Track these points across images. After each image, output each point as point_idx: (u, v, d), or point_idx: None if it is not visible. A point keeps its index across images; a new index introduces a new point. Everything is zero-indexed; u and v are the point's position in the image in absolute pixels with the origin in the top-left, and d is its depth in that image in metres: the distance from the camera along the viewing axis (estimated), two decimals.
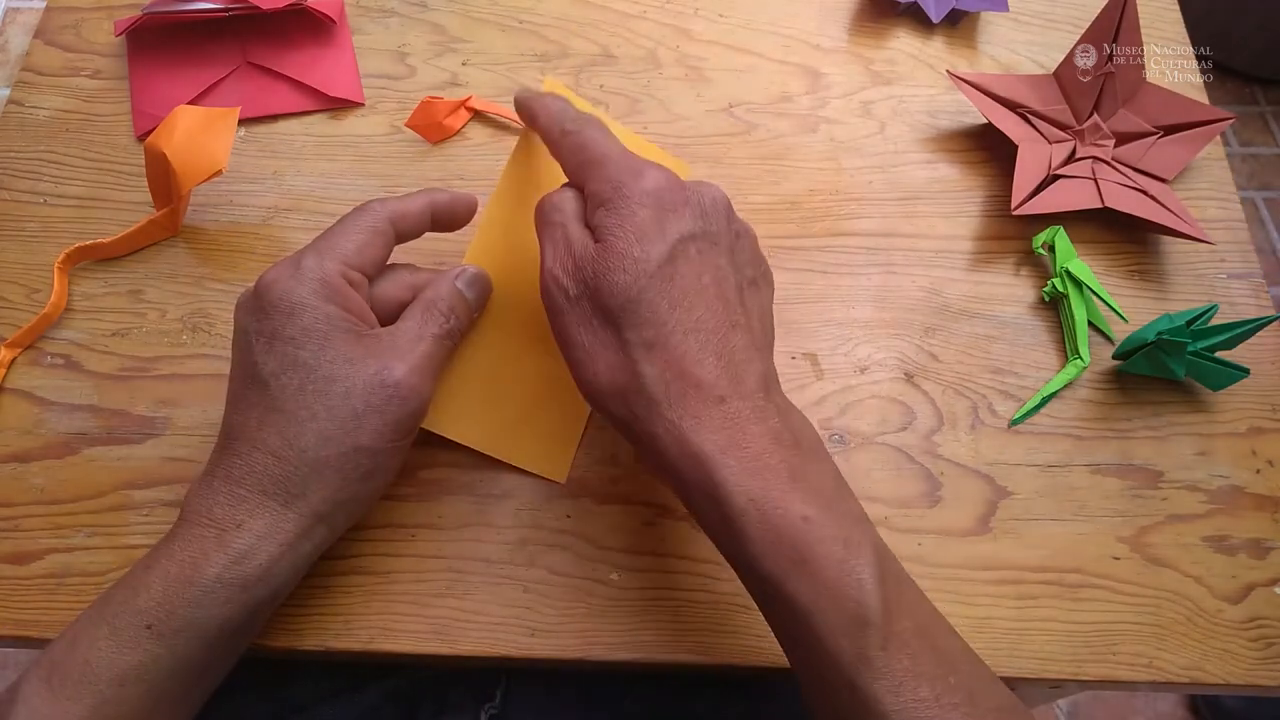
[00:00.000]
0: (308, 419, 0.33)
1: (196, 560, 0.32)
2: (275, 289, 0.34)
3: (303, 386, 0.33)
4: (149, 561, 0.33)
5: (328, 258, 0.35)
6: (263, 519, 0.33)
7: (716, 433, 0.31)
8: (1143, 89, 0.51)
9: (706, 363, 0.32)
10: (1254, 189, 1.50)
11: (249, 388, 0.34)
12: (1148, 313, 0.47)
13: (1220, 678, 0.39)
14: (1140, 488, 0.43)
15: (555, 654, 0.38)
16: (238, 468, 0.33)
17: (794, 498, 0.30)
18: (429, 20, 0.55)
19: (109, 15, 0.53)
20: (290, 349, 0.34)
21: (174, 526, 0.34)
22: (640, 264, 0.32)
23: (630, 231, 0.32)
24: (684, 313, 0.32)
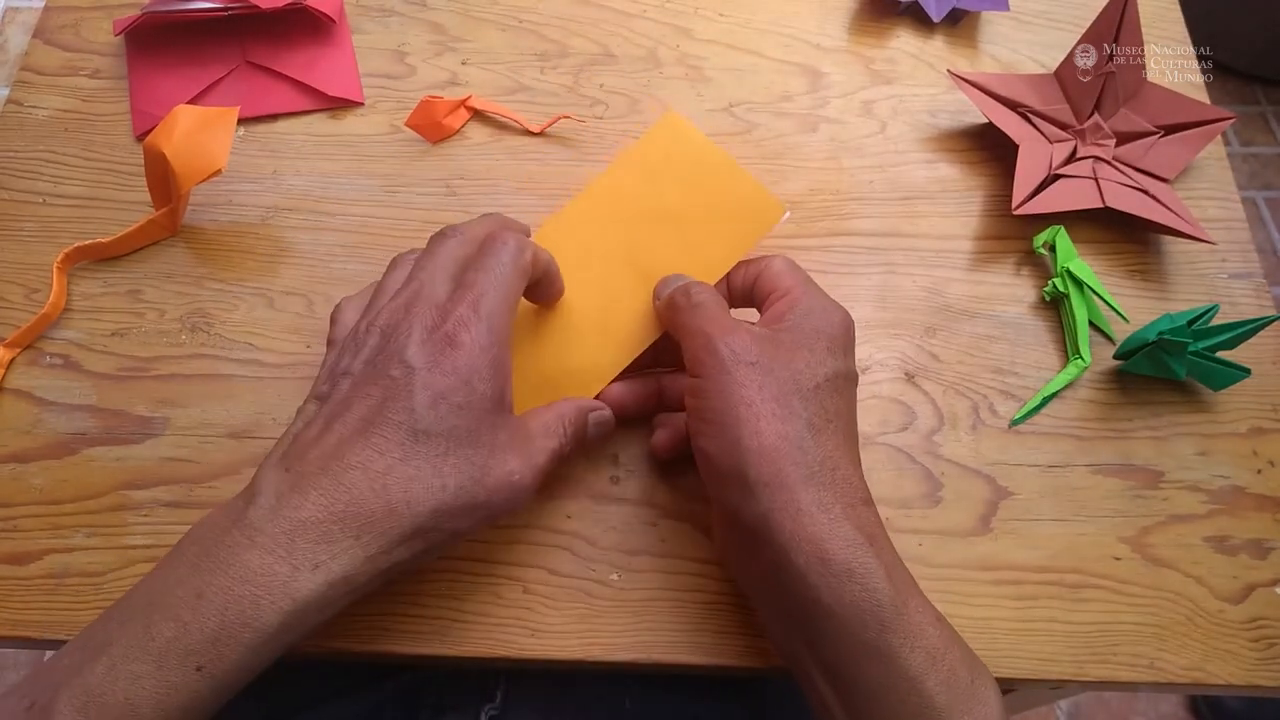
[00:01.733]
0: (437, 488, 0.32)
1: (260, 600, 0.29)
2: (459, 338, 0.33)
3: (447, 454, 0.32)
4: (200, 586, 0.29)
5: (500, 310, 0.34)
6: (343, 565, 0.30)
7: (862, 526, 0.32)
8: (1143, 89, 0.51)
9: (854, 470, 0.34)
10: (1255, 189, 1.50)
11: (390, 426, 0.32)
12: (1148, 313, 0.47)
13: (1221, 678, 0.39)
14: (1141, 488, 0.43)
15: (555, 654, 0.38)
16: (342, 503, 0.31)
17: (929, 613, 0.32)
18: (429, 19, 0.55)
19: (108, 15, 0.53)
20: (455, 416, 0.32)
21: (231, 538, 0.30)
22: (819, 369, 0.35)
23: (816, 340, 0.36)
24: (843, 422, 0.35)
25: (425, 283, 0.35)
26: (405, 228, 0.47)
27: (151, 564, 0.38)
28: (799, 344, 0.35)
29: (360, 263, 0.46)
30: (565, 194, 0.49)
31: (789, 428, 0.33)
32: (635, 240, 0.42)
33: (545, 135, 0.51)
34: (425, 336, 0.33)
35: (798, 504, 0.32)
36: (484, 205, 0.48)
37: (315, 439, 0.32)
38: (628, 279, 0.41)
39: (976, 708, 0.30)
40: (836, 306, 0.37)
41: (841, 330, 0.36)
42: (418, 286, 0.35)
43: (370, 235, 0.47)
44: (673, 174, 0.42)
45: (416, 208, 0.48)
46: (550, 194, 0.49)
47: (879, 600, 0.30)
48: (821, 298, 0.38)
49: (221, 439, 0.41)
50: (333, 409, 0.33)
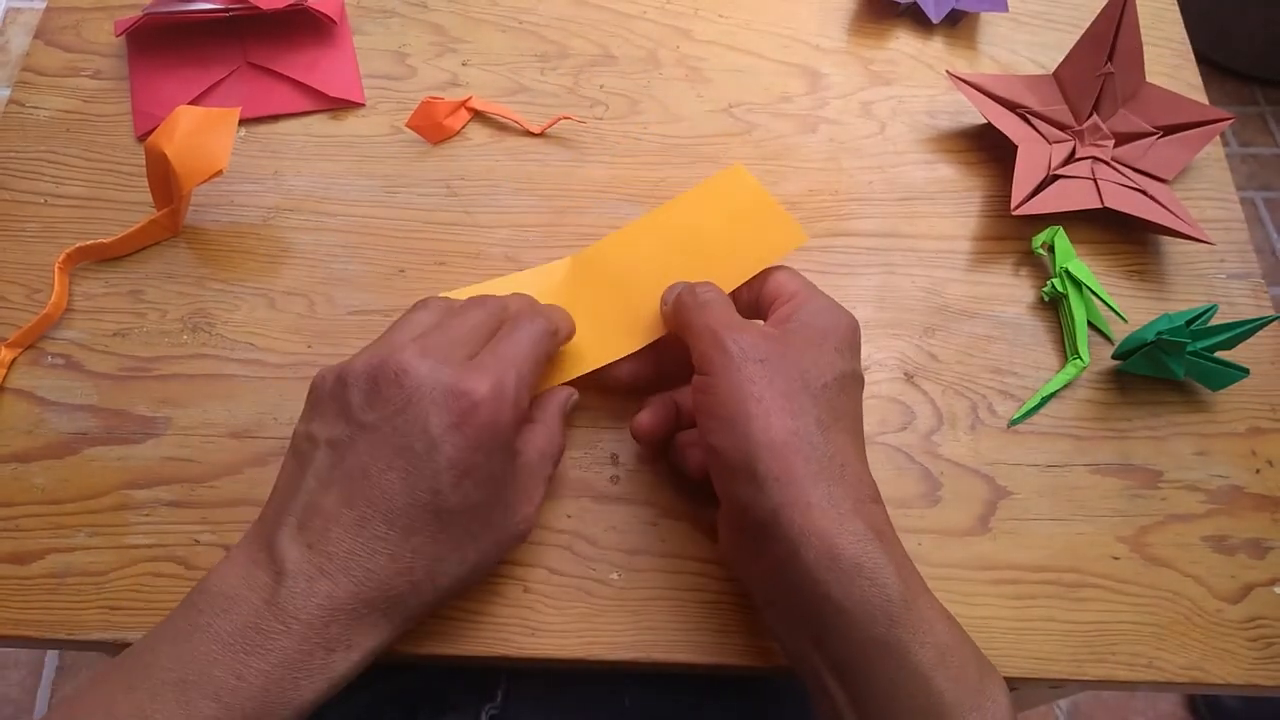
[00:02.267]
0: (458, 563, 0.33)
1: (298, 682, 0.30)
2: (485, 416, 0.32)
3: (470, 529, 0.33)
4: (239, 669, 0.29)
5: (525, 389, 0.34)
6: (374, 640, 0.31)
7: (871, 523, 0.32)
8: (1142, 89, 0.51)
9: (863, 468, 0.34)
10: (1253, 189, 1.50)
11: (415, 509, 0.32)
12: (1147, 313, 0.47)
13: (1220, 678, 0.39)
14: (1140, 488, 0.43)
15: (555, 654, 0.38)
16: (371, 588, 0.31)
17: (938, 610, 0.32)
18: (429, 20, 0.55)
19: (109, 15, 0.53)
20: (476, 492, 0.33)
21: (265, 623, 0.30)
22: (828, 369, 0.35)
23: (824, 340, 0.36)
24: (850, 421, 0.35)
25: (454, 342, 0.34)
26: (406, 228, 0.48)
27: (153, 563, 0.39)
28: (807, 343, 0.35)
29: (361, 263, 0.46)
30: (565, 194, 0.49)
31: (799, 424, 0.33)
32: (666, 259, 0.42)
33: (545, 136, 0.51)
34: (450, 404, 0.32)
35: (807, 499, 0.31)
36: (484, 205, 0.48)
37: (334, 514, 0.31)
38: (649, 288, 0.41)
39: (985, 704, 0.30)
40: (842, 309, 0.37)
41: (848, 331, 0.37)
42: (446, 345, 0.34)
43: (371, 236, 0.47)
44: (718, 207, 0.43)
45: (417, 208, 0.48)
46: (550, 194, 0.49)
47: (889, 595, 0.30)
48: (827, 300, 0.38)
49: (223, 439, 0.42)
50: (351, 478, 0.32)
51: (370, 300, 0.45)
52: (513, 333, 0.36)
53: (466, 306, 0.37)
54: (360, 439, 0.32)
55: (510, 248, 0.47)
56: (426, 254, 0.47)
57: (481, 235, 0.48)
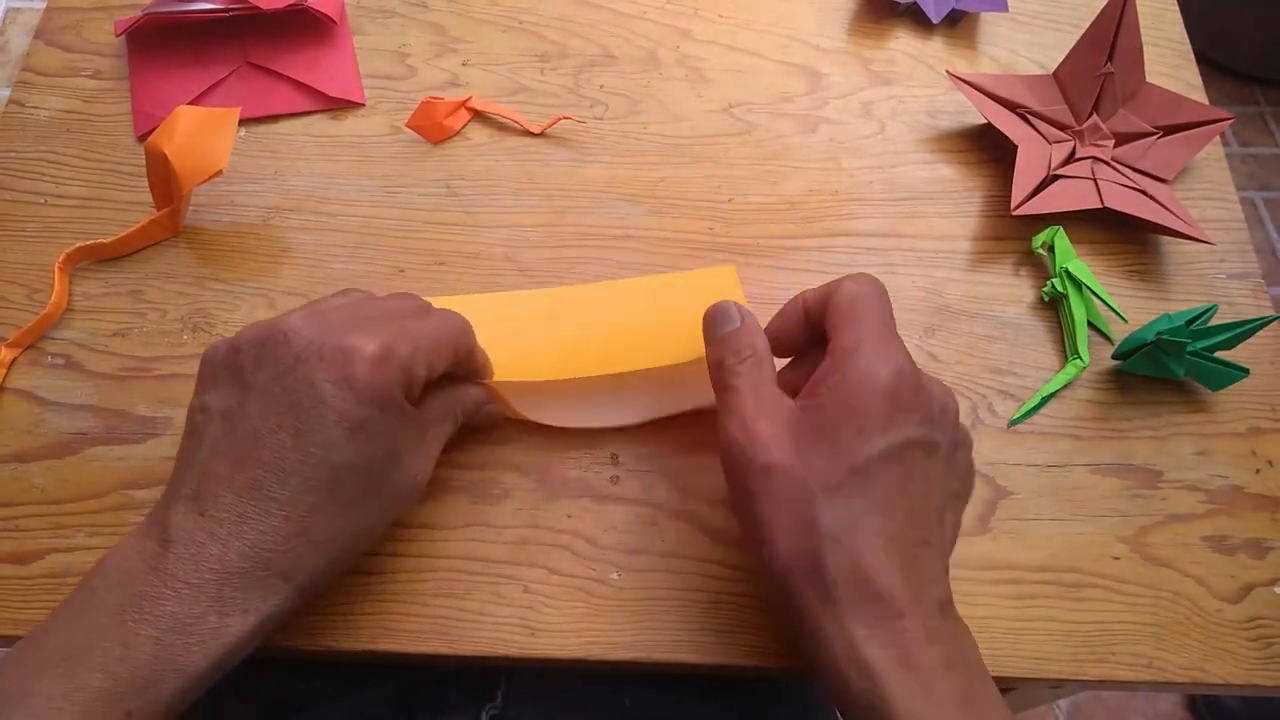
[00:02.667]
0: (360, 515, 0.33)
1: (190, 647, 0.29)
2: (372, 371, 0.32)
3: (367, 485, 0.33)
4: (126, 637, 0.29)
5: (420, 358, 0.34)
6: (271, 603, 0.31)
7: (889, 648, 0.30)
8: (1142, 89, 0.51)
9: (893, 575, 0.30)
10: (1253, 189, 1.50)
11: (308, 466, 0.31)
12: (1147, 313, 0.47)
13: (1220, 677, 0.39)
14: (1140, 488, 0.43)
15: (555, 654, 0.38)
16: (267, 550, 0.31)
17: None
18: (429, 20, 0.55)
19: (109, 15, 0.53)
20: (369, 447, 0.32)
21: (154, 589, 0.30)
22: (853, 455, 0.31)
23: (853, 416, 0.31)
24: (882, 518, 0.31)
25: (355, 316, 0.34)
26: (406, 228, 0.48)
27: None
28: (827, 429, 0.32)
29: (361, 263, 0.46)
30: (565, 194, 0.49)
31: (806, 544, 0.31)
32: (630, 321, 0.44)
33: (545, 136, 0.51)
34: (338, 359, 0.32)
35: (817, 629, 0.31)
36: (484, 205, 0.48)
37: (227, 479, 0.31)
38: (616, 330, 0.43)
39: None
40: (885, 361, 0.32)
41: (884, 396, 0.31)
42: (344, 315, 0.34)
43: (371, 236, 0.47)
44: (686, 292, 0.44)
45: (417, 208, 0.48)
46: (550, 194, 0.49)
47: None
48: (870, 354, 0.32)
49: None
50: (242, 442, 0.32)
51: None
52: (422, 316, 0.36)
53: (387, 296, 0.38)
54: (250, 402, 0.32)
55: (510, 248, 0.47)
56: (426, 254, 0.47)
57: (481, 235, 0.48)
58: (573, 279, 0.46)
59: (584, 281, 0.46)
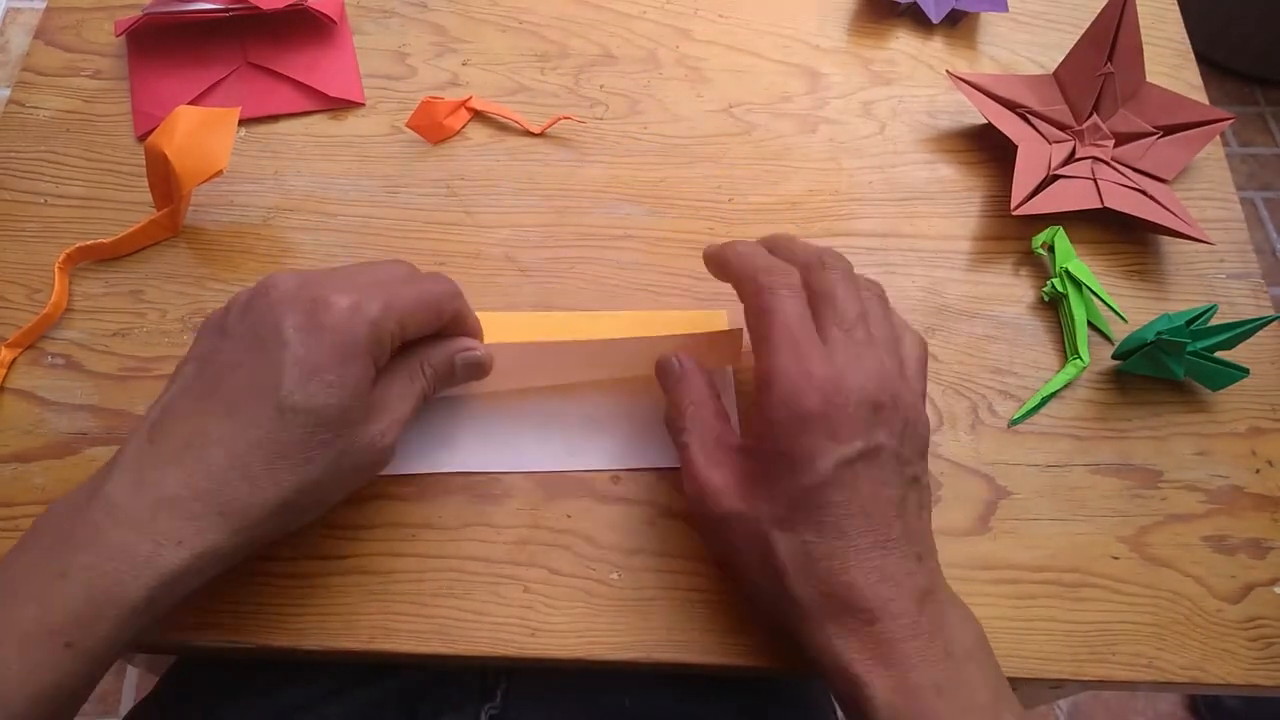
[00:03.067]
0: (302, 463, 0.32)
1: (123, 577, 0.29)
2: (338, 322, 0.32)
3: (314, 432, 0.32)
4: (62, 566, 0.29)
5: (391, 316, 0.34)
6: (208, 540, 0.30)
7: (864, 652, 0.32)
8: (1142, 89, 0.51)
9: (856, 587, 0.32)
10: (1253, 189, 1.50)
11: (256, 402, 0.31)
12: (1147, 313, 0.47)
13: (1220, 678, 0.39)
14: (1140, 488, 0.43)
15: (555, 654, 0.38)
16: (203, 480, 0.31)
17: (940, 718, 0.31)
18: (429, 20, 0.55)
19: (109, 15, 0.53)
20: (323, 394, 0.32)
21: (90, 512, 0.30)
22: (792, 491, 0.33)
23: (782, 458, 0.33)
24: (835, 539, 0.32)
25: (337, 273, 0.35)
26: (406, 228, 0.48)
27: None
28: (767, 473, 0.34)
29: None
30: (565, 194, 0.49)
31: (773, 577, 0.33)
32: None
33: (545, 136, 0.51)
34: (308, 309, 0.32)
35: (803, 642, 0.33)
36: (484, 206, 0.48)
37: (183, 411, 0.32)
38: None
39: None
40: (800, 392, 0.33)
41: (807, 430, 0.32)
42: (327, 272, 0.35)
43: (371, 236, 0.47)
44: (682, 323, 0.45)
45: (417, 208, 0.48)
46: (550, 194, 0.49)
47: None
48: (784, 388, 0.33)
49: None
50: (207, 380, 0.33)
51: None
52: (409, 281, 0.36)
53: (380, 262, 0.38)
54: (224, 347, 0.33)
55: (510, 248, 0.47)
56: (426, 254, 0.47)
57: (481, 235, 0.48)
58: (573, 279, 0.46)
59: (584, 282, 0.46)
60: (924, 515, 0.35)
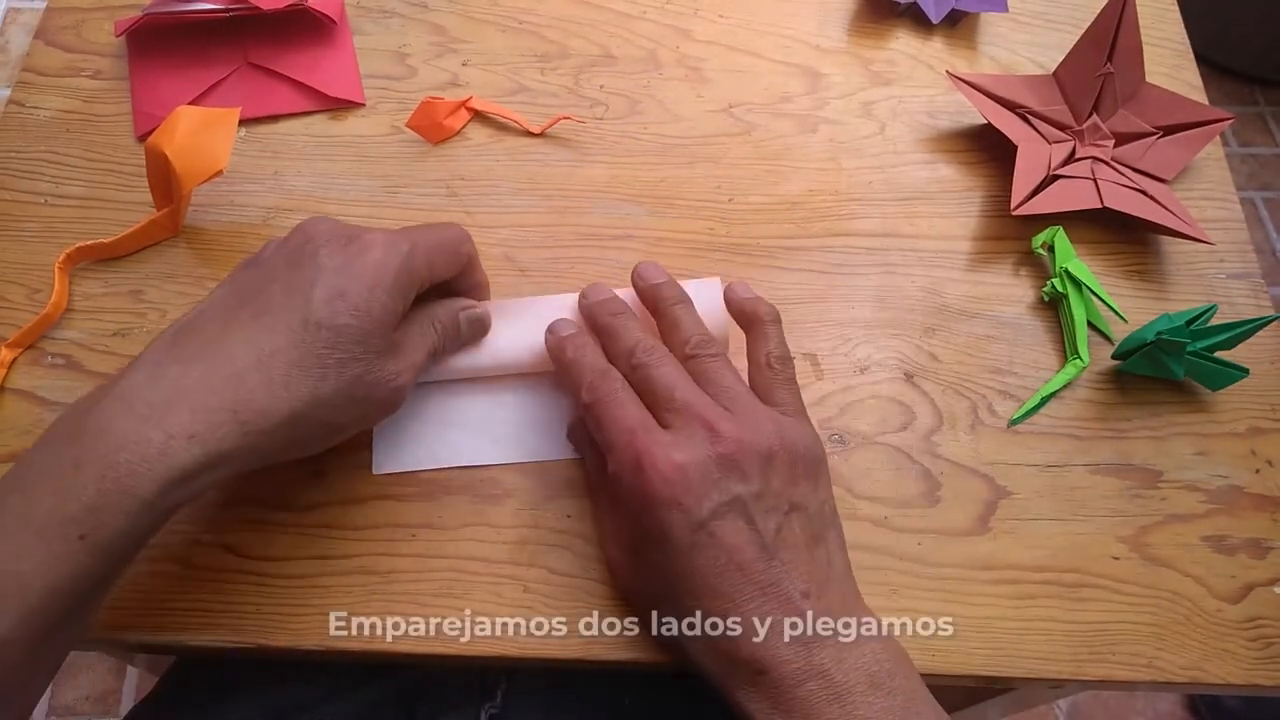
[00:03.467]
0: (318, 377, 0.33)
1: (136, 469, 0.29)
2: (370, 253, 0.34)
3: (334, 349, 0.33)
4: (76, 456, 0.29)
5: (419, 254, 0.36)
6: (219, 439, 0.31)
7: (765, 703, 0.32)
8: (1142, 89, 0.51)
9: (737, 643, 0.33)
10: (1253, 189, 1.50)
11: (284, 312, 0.33)
12: (1147, 313, 0.47)
13: (1220, 677, 0.39)
14: (1139, 488, 0.43)
15: (555, 654, 0.38)
16: (221, 376, 0.31)
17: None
18: (429, 20, 0.55)
19: (109, 15, 0.53)
20: (346, 314, 0.33)
21: (105, 404, 0.31)
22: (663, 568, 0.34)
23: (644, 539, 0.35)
24: (709, 602, 0.33)
25: (365, 228, 0.37)
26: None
27: (152, 563, 0.39)
28: (640, 552, 0.36)
29: None
30: (565, 194, 0.49)
31: (676, 644, 0.35)
32: None
33: (545, 136, 0.51)
34: (344, 243, 0.35)
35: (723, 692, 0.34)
36: (484, 206, 0.48)
37: (213, 319, 0.34)
38: None
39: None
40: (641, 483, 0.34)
41: (653, 513, 0.34)
42: (359, 227, 0.37)
43: None
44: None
45: (417, 208, 0.48)
46: (550, 194, 0.49)
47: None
48: (629, 483, 0.35)
49: None
50: (238, 294, 0.34)
51: None
52: (429, 228, 0.38)
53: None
54: (260, 268, 0.35)
55: (510, 248, 0.47)
56: None
57: (481, 235, 0.47)
58: (573, 279, 0.46)
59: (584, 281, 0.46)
60: (817, 542, 0.35)
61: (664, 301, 0.39)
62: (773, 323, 0.39)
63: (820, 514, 0.36)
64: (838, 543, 0.36)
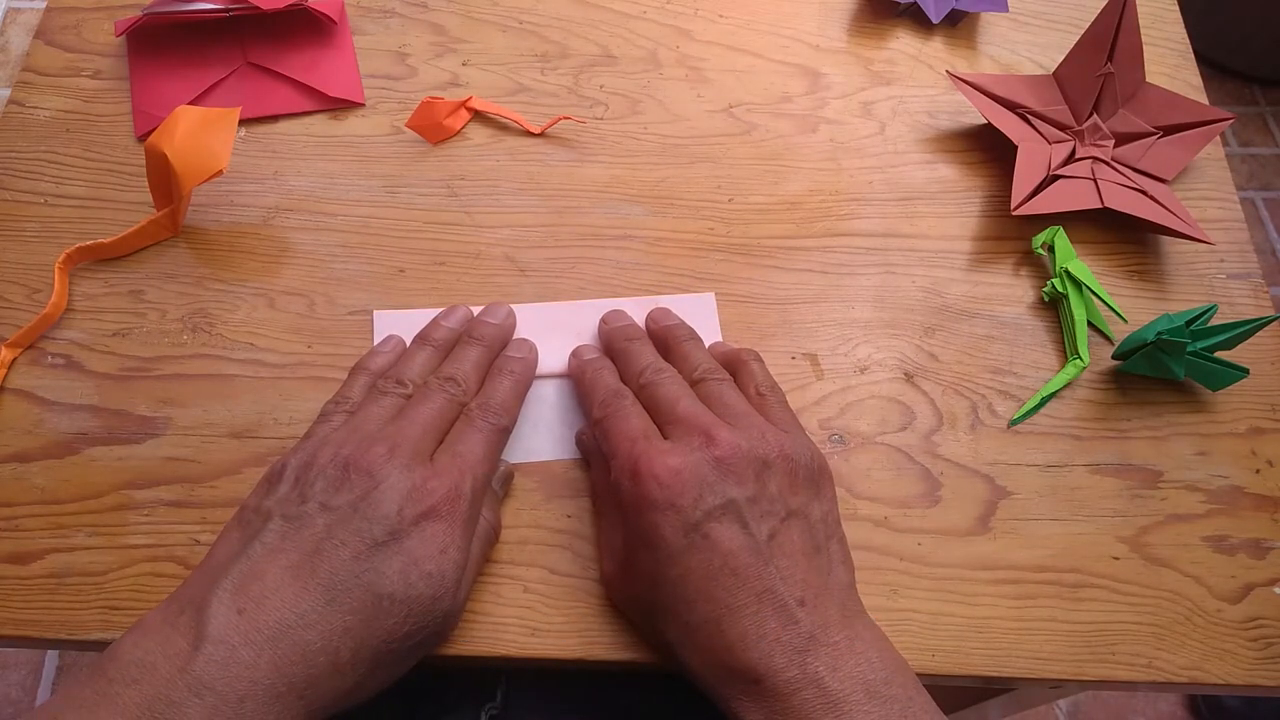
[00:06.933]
0: (386, 651, 0.32)
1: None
2: (443, 511, 0.34)
3: (404, 622, 0.32)
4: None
5: (480, 489, 0.36)
6: (289, 718, 0.30)
7: (760, 712, 0.32)
8: (1142, 89, 0.51)
9: (731, 653, 0.32)
10: (1254, 189, 1.50)
11: (356, 588, 0.31)
12: (1147, 313, 0.47)
13: (1220, 678, 0.39)
14: (1140, 488, 0.43)
15: (555, 654, 0.38)
16: (294, 665, 0.30)
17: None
18: (429, 20, 0.55)
19: (109, 15, 0.53)
20: (421, 584, 0.33)
21: (177, 690, 0.29)
22: (655, 577, 0.34)
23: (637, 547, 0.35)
24: (705, 609, 0.33)
25: (420, 436, 0.36)
26: (406, 228, 0.48)
27: (153, 563, 0.39)
28: (633, 563, 0.36)
29: (361, 263, 0.46)
30: (565, 194, 0.49)
31: (668, 654, 0.35)
32: None
33: (546, 136, 0.51)
34: (409, 496, 0.33)
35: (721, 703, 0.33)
36: (484, 206, 0.48)
37: (276, 583, 0.31)
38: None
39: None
40: (640, 497, 0.34)
41: (647, 523, 0.34)
42: (413, 440, 0.35)
43: (371, 236, 0.47)
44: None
45: (418, 208, 0.48)
46: (550, 194, 0.49)
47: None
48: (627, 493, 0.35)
49: (223, 439, 0.42)
50: (300, 549, 0.32)
51: (370, 300, 0.45)
52: (470, 432, 0.37)
53: (432, 389, 0.38)
54: (320, 517, 0.33)
55: (510, 248, 0.47)
56: (426, 254, 0.47)
57: (481, 235, 0.48)
58: (573, 279, 0.46)
59: (584, 282, 0.46)
60: (817, 551, 0.35)
61: (675, 339, 0.42)
62: (755, 361, 0.41)
63: (823, 524, 0.36)
64: (840, 555, 0.36)
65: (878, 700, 0.31)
